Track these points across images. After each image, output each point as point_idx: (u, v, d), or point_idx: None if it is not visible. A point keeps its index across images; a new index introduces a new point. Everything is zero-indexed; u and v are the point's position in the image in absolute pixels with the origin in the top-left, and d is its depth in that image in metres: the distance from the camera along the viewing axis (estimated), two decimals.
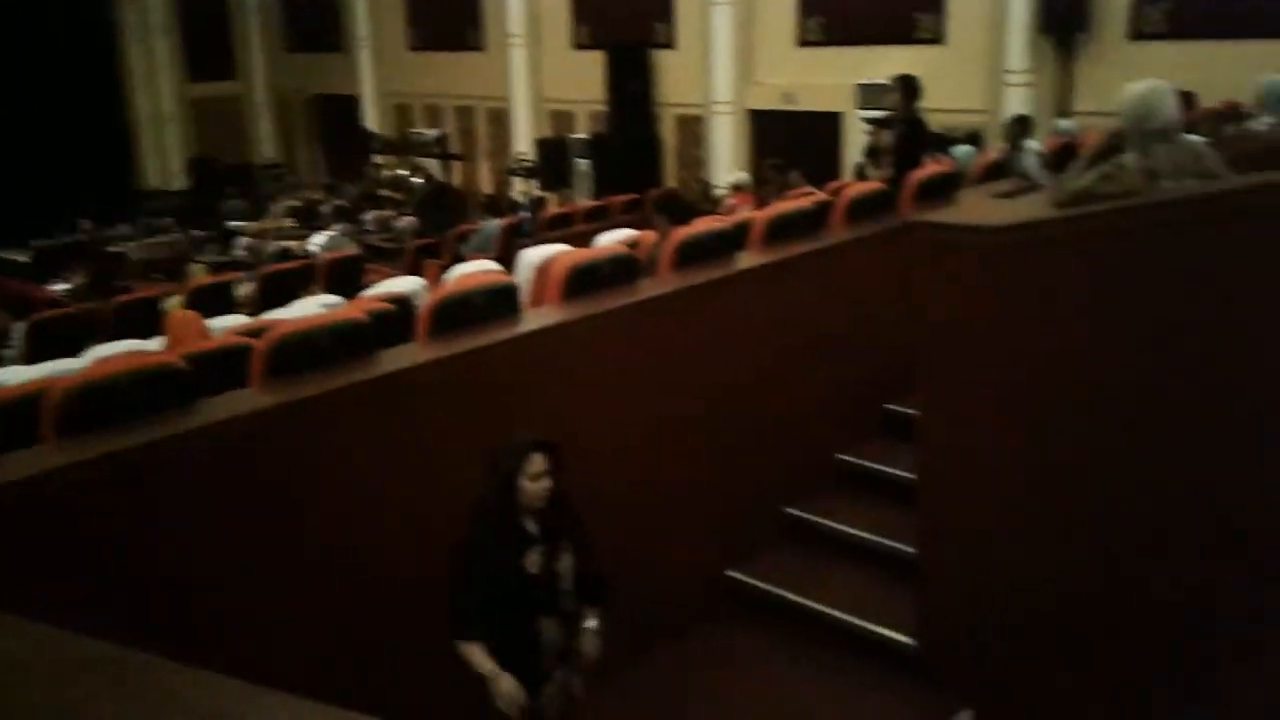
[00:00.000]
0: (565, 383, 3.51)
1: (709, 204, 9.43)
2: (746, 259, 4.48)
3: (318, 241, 10.04)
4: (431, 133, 16.36)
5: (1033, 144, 8.19)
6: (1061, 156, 6.86)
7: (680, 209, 5.10)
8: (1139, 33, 10.85)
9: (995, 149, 8.71)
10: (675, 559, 3.92)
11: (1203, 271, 2.72)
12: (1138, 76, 3.38)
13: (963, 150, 8.50)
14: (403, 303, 4.74)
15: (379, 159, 16.36)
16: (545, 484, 2.62)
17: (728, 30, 13.69)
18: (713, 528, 4.08)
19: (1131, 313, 2.86)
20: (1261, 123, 7.04)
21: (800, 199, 5.74)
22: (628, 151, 14.26)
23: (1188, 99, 8.86)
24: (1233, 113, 8.24)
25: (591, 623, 2.75)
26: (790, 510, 4.36)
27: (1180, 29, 10.58)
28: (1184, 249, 2.75)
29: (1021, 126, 8.23)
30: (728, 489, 4.11)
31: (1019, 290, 3.08)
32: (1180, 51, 10.31)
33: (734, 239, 4.64)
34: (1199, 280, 2.73)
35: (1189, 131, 7.77)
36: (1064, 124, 9.30)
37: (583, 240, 6.21)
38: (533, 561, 2.63)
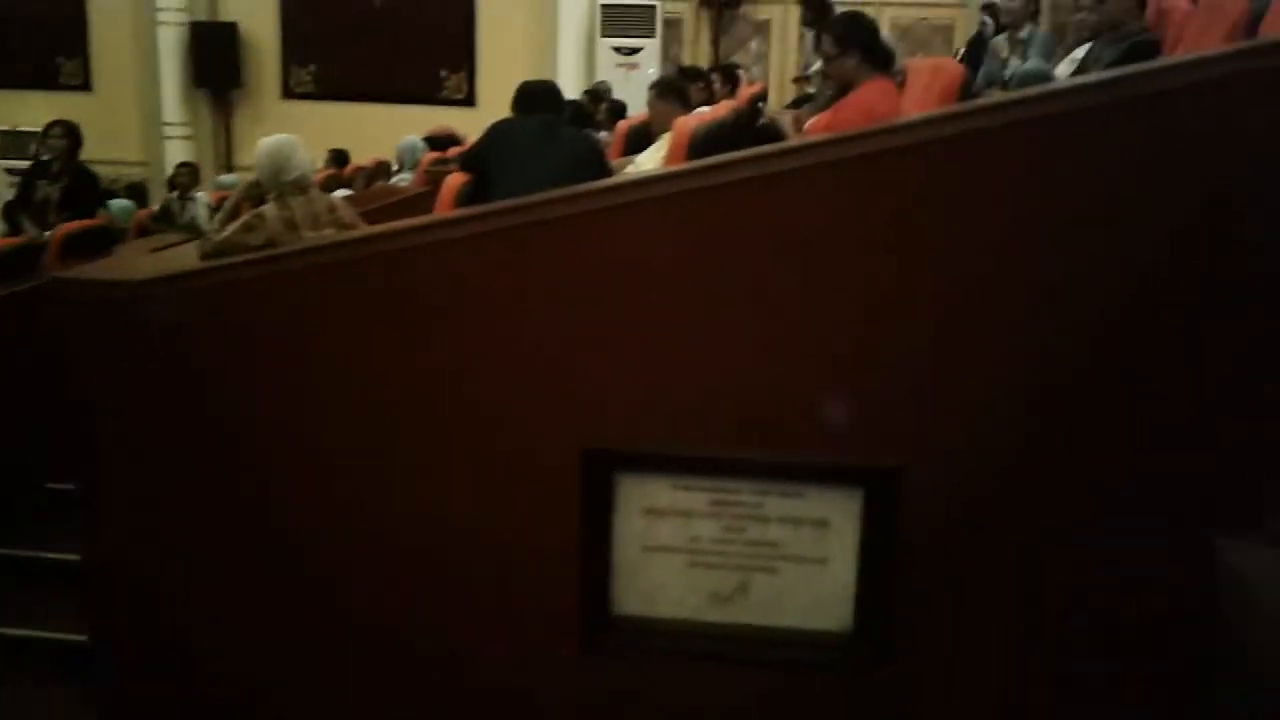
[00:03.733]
0: None
1: None
2: None
3: None
4: None
5: (201, 195, 8.13)
6: (218, 209, 6.88)
7: None
8: (290, 92, 11.40)
9: (160, 201, 8.45)
10: None
11: (348, 315, 2.86)
12: (294, 133, 3.48)
13: (120, 204, 8.09)
14: None
15: None
16: None
17: None
18: None
19: (314, 371, 2.89)
20: (402, 178, 7.86)
21: None
22: None
23: (341, 157, 9.57)
24: (381, 170, 9.09)
25: None
26: None
27: (328, 91, 11.37)
28: (328, 295, 2.87)
29: (187, 178, 8.12)
30: None
31: (172, 346, 2.94)
32: (332, 112, 11.08)
33: None
34: (358, 323, 2.86)
35: (345, 186, 8.33)
36: (226, 178, 9.38)
37: None
38: None
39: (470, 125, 8.94)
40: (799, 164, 2.52)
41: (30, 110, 9.97)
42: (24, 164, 7.64)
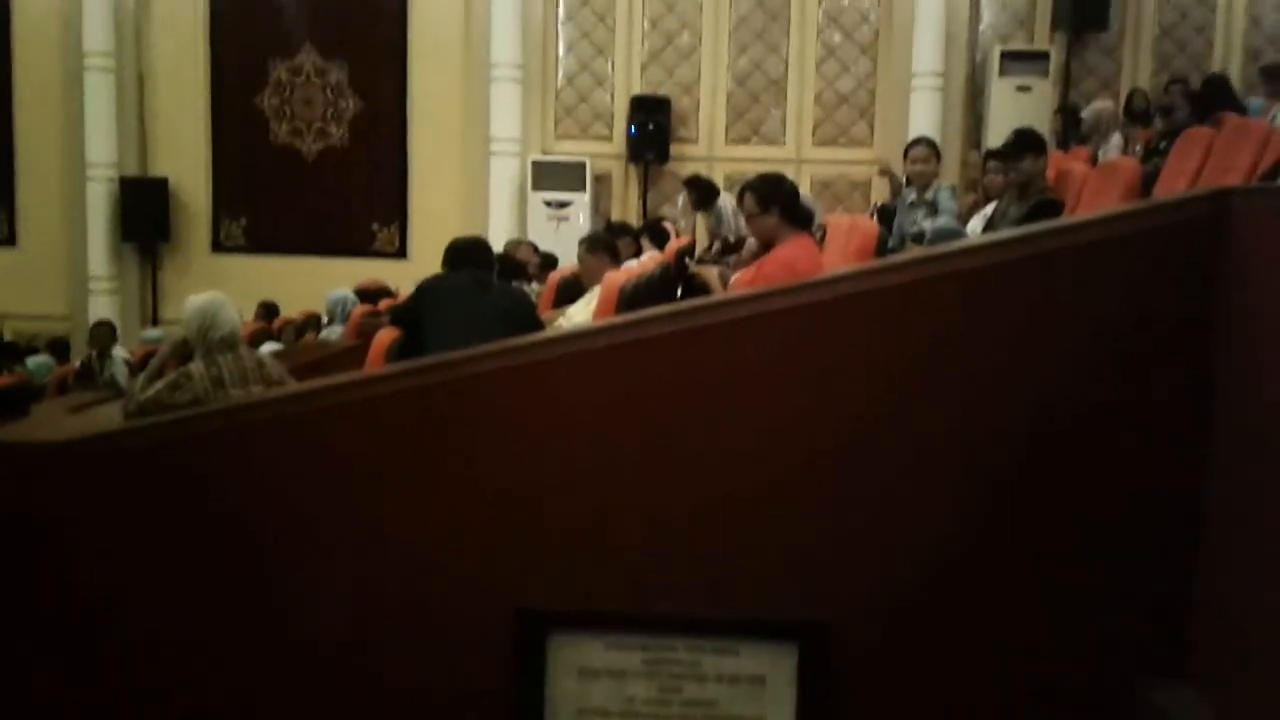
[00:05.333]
0: None
1: None
2: None
3: None
4: None
5: (119, 353, 8.00)
6: (144, 364, 6.77)
7: None
8: (220, 245, 11.42)
9: (81, 358, 8.31)
10: None
11: (275, 473, 2.81)
12: (222, 287, 3.48)
13: (38, 361, 7.95)
14: None
15: None
16: None
17: None
18: None
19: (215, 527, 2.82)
20: (332, 331, 7.81)
21: None
22: None
23: (272, 310, 9.53)
24: (311, 322, 9.04)
25: None
26: None
27: (259, 244, 11.41)
28: (255, 453, 2.83)
29: (108, 334, 8.01)
30: None
31: (102, 509, 2.86)
32: (262, 264, 11.09)
33: None
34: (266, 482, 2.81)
35: (273, 339, 8.24)
36: (153, 333, 9.27)
37: None
38: None
39: (402, 278, 9.02)
40: (725, 318, 2.58)
41: None
42: None
